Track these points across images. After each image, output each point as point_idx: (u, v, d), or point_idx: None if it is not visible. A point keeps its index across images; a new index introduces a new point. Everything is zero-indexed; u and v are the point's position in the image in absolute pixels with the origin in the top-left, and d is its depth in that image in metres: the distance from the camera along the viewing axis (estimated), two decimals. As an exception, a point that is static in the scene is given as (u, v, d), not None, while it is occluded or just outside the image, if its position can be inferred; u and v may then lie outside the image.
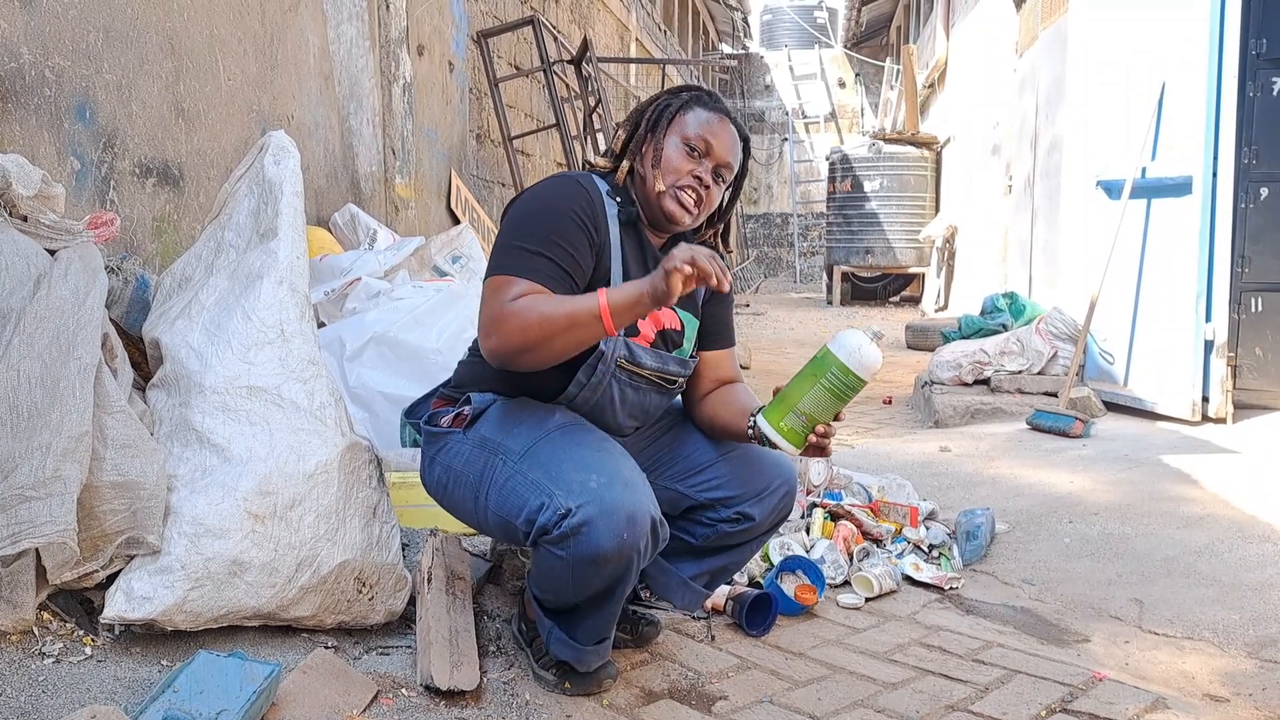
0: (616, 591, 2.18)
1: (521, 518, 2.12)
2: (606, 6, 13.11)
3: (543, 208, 2.22)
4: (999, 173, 11.64)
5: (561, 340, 2.08)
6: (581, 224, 2.22)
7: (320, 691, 2.09)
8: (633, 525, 2.05)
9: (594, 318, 2.05)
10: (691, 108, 2.36)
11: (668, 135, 2.34)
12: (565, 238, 2.19)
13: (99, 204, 3.49)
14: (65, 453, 2.04)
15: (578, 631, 2.27)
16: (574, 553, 2.05)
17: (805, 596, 2.97)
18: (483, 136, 8.09)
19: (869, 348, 2.14)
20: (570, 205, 2.22)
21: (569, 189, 2.25)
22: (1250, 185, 5.62)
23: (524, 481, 2.13)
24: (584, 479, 2.07)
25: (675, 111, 2.36)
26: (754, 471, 2.47)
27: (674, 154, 2.32)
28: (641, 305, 2.05)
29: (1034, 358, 6.34)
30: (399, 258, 4.46)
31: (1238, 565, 3.45)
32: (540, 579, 2.24)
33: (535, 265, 2.15)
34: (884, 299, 18.38)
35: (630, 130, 2.40)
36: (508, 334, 2.09)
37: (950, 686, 2.53)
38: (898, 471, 4.42)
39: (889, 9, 24.90)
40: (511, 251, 2.18)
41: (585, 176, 2.32)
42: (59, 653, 2.09)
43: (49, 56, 3.26)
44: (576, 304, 2.07)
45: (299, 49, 4.95)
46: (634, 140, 2.39)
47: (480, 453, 2.24)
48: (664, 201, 2.31)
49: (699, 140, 2.32)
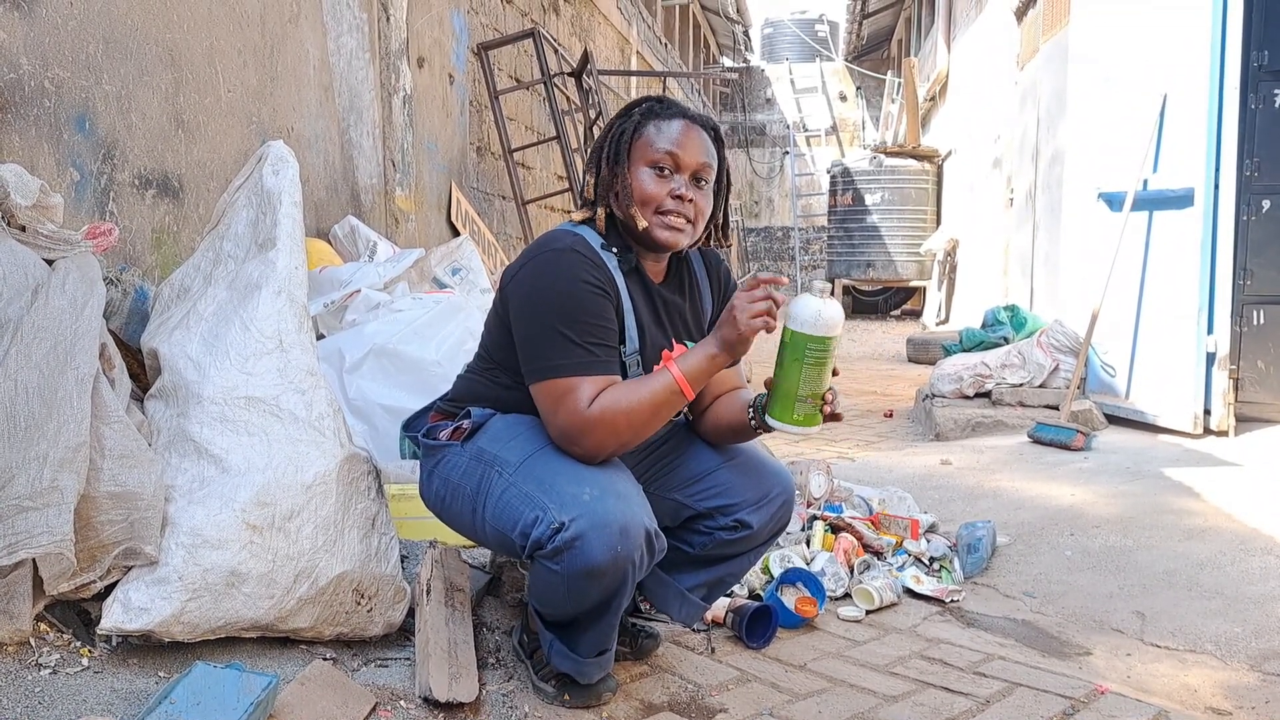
0: (613, 604, 2.17)
1: (517, 531, 2.11)
2: (607, 19, 13.14)
3: (565, 294, 2.15)
4: (1000, 185, 11.65)
5: (652, 426, 2.16)
6: (605, 294, 2.19)
7: (318, 703, 2.07)
8: (626, 537, 2.04)
9: (675, 394, 2.12)
10: (644, 126, 2.28)
11: (631, 166, 2.26)
12: (598, 316, 2.16)
13: (98, 215, 3.49)
14: (62, 463, 2.03)
15: (578, 644, 2.27)
16: (568, 566, 2.05)
17: (806, 609, 2.96)
18: (483, 149, 8.09)
19: (826, 308, 2.08)
20: (585, 278, 2.16)
21: (574, 263, 2.17)
22: (1252, 197, 5.62)
23: (518, 494, 2.13)
24: (577, 492, 2.06)
25: (630, 137, 2.27)
26: (753, 480, 2.45)
27: (645, 182, 2.24)
28: (716, 365, 2.14)
29: (1035, 370, 6.34)
30: (399, 270, 4.46)
31: (1240, 578, 3.44)
32: (538, 592, 2.23)
33: (589, 359, 2.13)
34: (885, 312, 18.39)
35: (595, 173, 2.32)
36: (601, 440, 2.11)
37: (951, 699, 2.51)
38: (899, 484, 4.41)
39: (890, 22, 24.97)
40: (557, 347, 2.13)
41: (575, 240, 2.22)
42: (56, 664, 2.08)
43: (49, 67, 3.26)
44: (654, 388, 2.11)
45: (299, 61, 4.96)
46: (600, 183, 2.31)
47: (477, 465, 2.23)
48: (654, 234, 2.25)
49: (664, 158, 2.24)
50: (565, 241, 2.21)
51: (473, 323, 3.75)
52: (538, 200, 8.71)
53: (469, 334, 3.65)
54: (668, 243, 2.26)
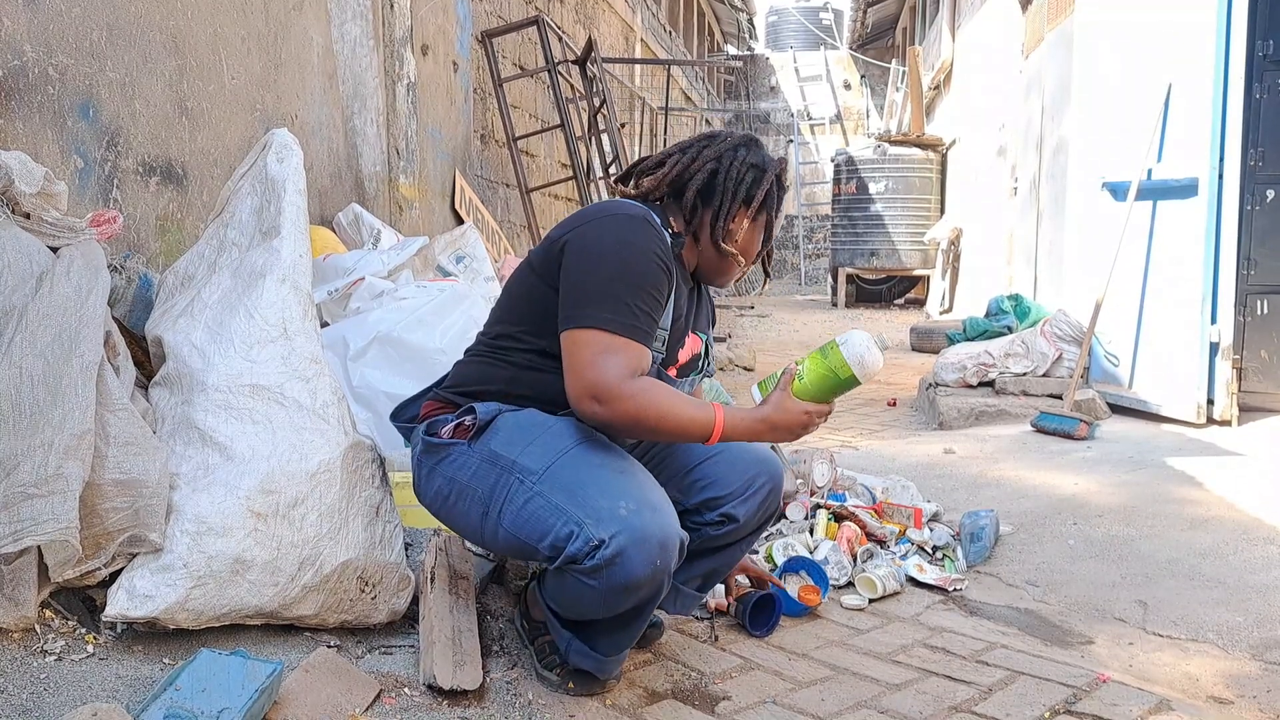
0: (646, 610, 2.19)
1: (545, 543, 2.08)
2: (611, 7, 13.11)
3: (635, 257, 2.17)
4: (1004, 174, 11.61)
5: (663, 436, 2.19)
6: (667, 270, 2.22)
7: (323, 690, 2.08)
8: (665, 551, 2.05)
9: (703, 433, 2.14)
10: (775, 193, 2.41)
11: (753, 218, 2.39)
12: (656, 289, 2.19)
13: (102, 202, 3.49)
14: (68, 450, 2.03)
15: (599, 643, 2.27)
16: (608, 582, 2.04)
17: (809, 597, 2.97)
18: (487, 137, 8.09)
19: (870, 354, 2.17)
20: (656, 249, 2.20)
21: (647, 232, 2.21)
22: (1256, 187, 5.60)
23: (546, 505, 2.09)
24: (613, 506, 2.04)
25: (767, 196, 2.39)
26: (739, 469, 2.46)
27: (754, 238, 2.43)
28: (753, 436, 2.19)
29: (1039, 360, 6.33)
30: (403, 257, 4.46)
31: (1242, 567, 3.44)
32: (562, 598, 2.22)
33: (637, 326, 2.14)
34: (889, 301, 18.35)
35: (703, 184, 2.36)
36: (620, 414, 2.10)
37: (954, 688, 2.52)
38: (902, 473, 4.41)
39: (895, 10, 24.89)
40: (613, 303, 2.13)
41: (645, 212, 2.27)
42: (61, 650, 2.09)
43: (52, 54, 3.26)
44: (693, 413, 2.13)
45: (303, 48, 4.95)
46: (707, 195, 2.36)
47: (491, 469, 2.19)
48: (728, 278, 2.44)
49: (775, 226, 2.42)
50: (638, 211, 2.26)
51: (477, 311, 3.74)
52: (541, 188, 8.71)
53: (473, 322, 3.64)
54: (725, 283, 2.48)
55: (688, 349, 2.42)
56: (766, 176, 2.37)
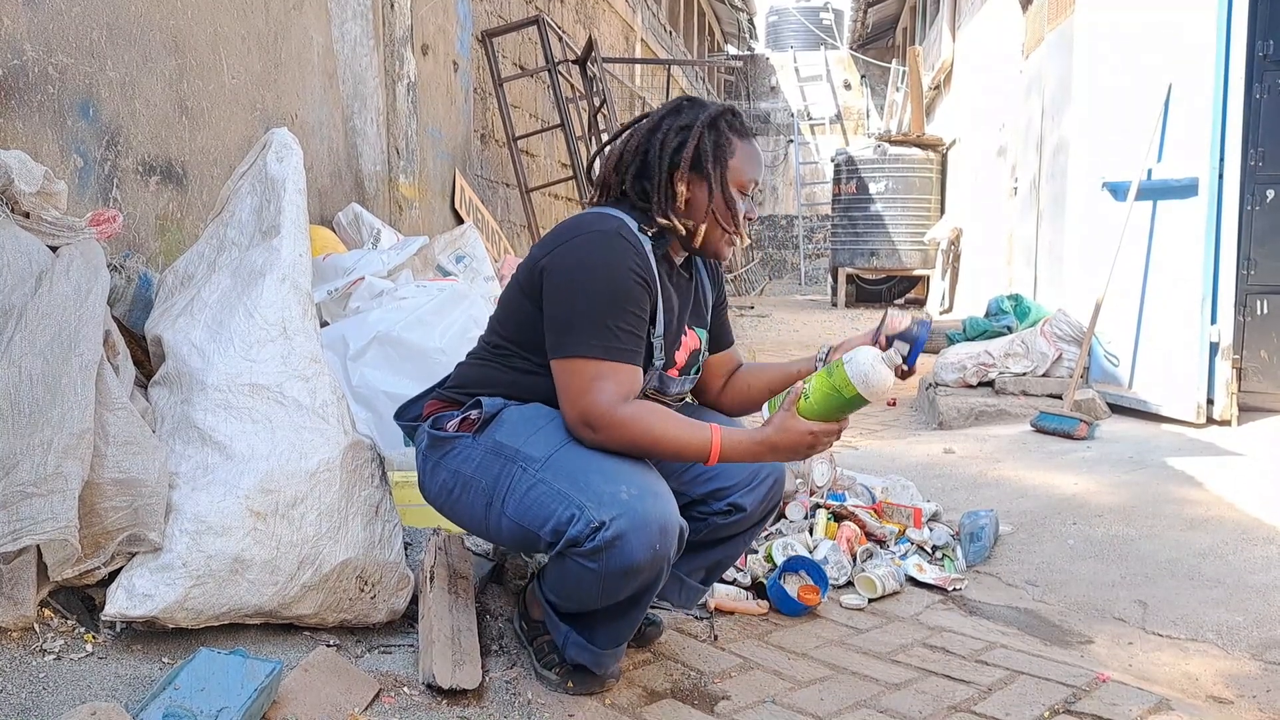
0: (644, 599, 2.19)
1: (548, 528, 2.09)
2: (611, 7, 13.11)
3: (611, 279, 2.14)
4: (1004, 175, 11.62)
5: (659, 457, 2.18)
6: (646, 285, 2.19)
7: (322, 689, 2.08)
8: (665, 536, 2.06)
9: (700, 453, 2.13)
10: (731, 145, 2.29)
11: (716, 184, 2.27)
12: (638, 306, 2.17)
13: (102, 202, 3.49)
14: (67, 450, 2.03)
15: (596, 636, 2.27)
16: (607, 565, 2.04)
17: (808, 597, 2.97)
18: (487, 137, 8.09)
19: (876, 373, 2.11)
20: (632, 266, 2.16)
21: (622, 249, 2.17)
22: (1256, 187, 5.60)
23: (549, 491, 2.10)
24: (614, 490, 2.05)
25: (698, 151, 2.27)
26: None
27: (702, 198, 2.28)
28: (754, 457, 2.17)
29: (1039, 360, 6.33)
30: (403, 257, 4.46)
31: (1242, 567, 3.44)
32: (562, 587, 2.21)
33: (622, 348, 2.14)
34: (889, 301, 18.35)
35: (639, 168, 2.31)
36: (614, 440, 2.12)
37: (953, 687, 2.52)
38: (902, 473, 4.41)
39: (895, 10, 24.89)
40: (594, 330, 2.12)
41: (619, 224, 2.22)
42: (60, 649, 2.09)
43: (52, 54, 3.26)
44: (689, 436, 2.12)
45: (303, 47, 4.95)
46: (645, 176, 2.30)
47: (495, 459, 2.20)
48: (719, 248, 2.34)
49: (749, 183, 2.31)
50: (611, 225, 2.21)
51: (476, 310, 3.75)
52: (541, 188, 8.71)
53: (473, 322, 3.64)
54: (723, 256, 2.38)
55: (685, 348, 2.41)
56: (693, 131, 2.26)
